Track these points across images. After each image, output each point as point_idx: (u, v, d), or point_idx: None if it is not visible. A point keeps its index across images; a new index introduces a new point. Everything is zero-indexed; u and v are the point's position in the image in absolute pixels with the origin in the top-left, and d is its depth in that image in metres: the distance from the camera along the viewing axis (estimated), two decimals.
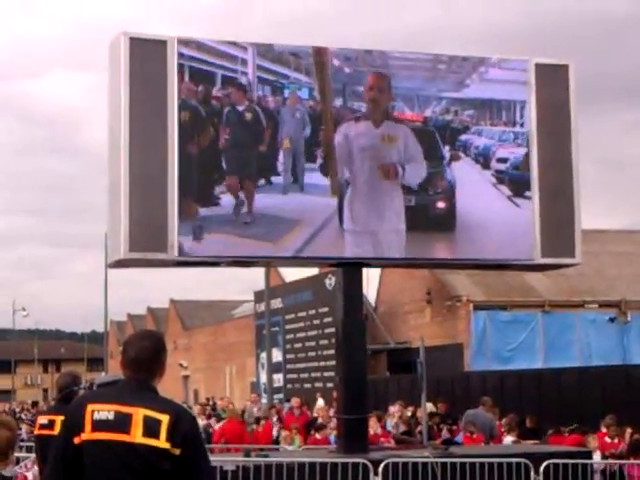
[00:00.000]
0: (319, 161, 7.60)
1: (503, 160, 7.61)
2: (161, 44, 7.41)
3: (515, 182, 7.56)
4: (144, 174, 7.29)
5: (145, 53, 7.34)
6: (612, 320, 30.71)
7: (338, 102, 7.38)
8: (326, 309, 31.85)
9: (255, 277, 36.19)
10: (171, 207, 7.31)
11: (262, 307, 34.52)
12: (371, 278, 32.43)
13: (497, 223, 7.97)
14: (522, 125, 7.77)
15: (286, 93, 7.41)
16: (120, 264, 7.52)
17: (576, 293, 31.36)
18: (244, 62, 7.51)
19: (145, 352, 4.28)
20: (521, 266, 8.60)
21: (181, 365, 52.26)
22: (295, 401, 19.23)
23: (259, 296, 37.16)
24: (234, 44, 7.61)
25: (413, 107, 7.52)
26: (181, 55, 7.33)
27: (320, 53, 7.32)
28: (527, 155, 7.65)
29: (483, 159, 7.62)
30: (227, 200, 7.31)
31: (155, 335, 4.49)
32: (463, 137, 7.80)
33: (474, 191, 7.92)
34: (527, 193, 7.52)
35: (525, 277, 30.53)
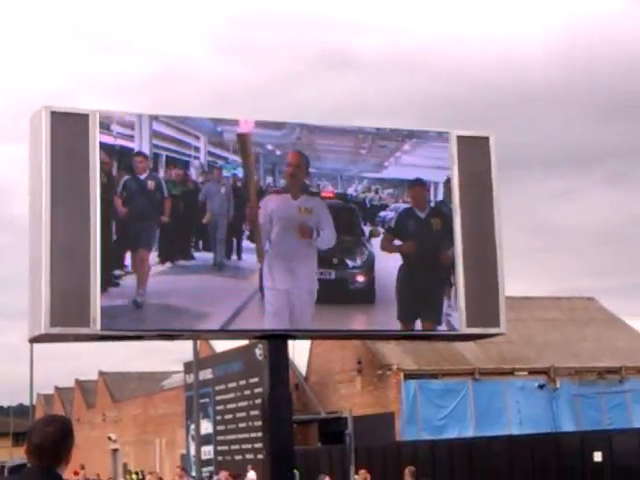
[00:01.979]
0: (246, 234, 7.67)
1: (387, 221, 8.01)
2: (83, 117, 7.38)
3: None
4: (65, 246, 7.20)
5: (66, 126, 7.31)
6: (541, 387, 30.99)
7: (269, 180, 7.67)
8: (256, 379, 31.68)
9: (185, 348, 35.90)
10: (93, 280, 7.22)
11: (192, 378, 34.19)
12: (302, 348, 32.39)
13: None
14: (435, 202, 8.14)
15: (224, 172, 7.56)
16: (41, 339, 7.39)
17: (505, 360, 31.61)
18: (164, 137, 7.54)
19: (50, 438, 4.18)
20: (445, 336, 8.62)
21: (110, 438, 51.43)
22: (223, 475, 19.01)
23: (188, 367, 36.88)
24: (155, 118, 7.60)
25: (336, 185, 7.87)
26: (106, 129, 7.32)
27: (244, 139, 7.54)
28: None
29: (389, 224, 8.03)
30: (129, 277, 7.30)
31: (61, 420, 4.37)
32: (382, 213, 8.05)
33: (393, 264, 8.00)
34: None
35: (455, 345, 30.71)
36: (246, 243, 7.71)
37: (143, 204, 7.53)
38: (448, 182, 8.21)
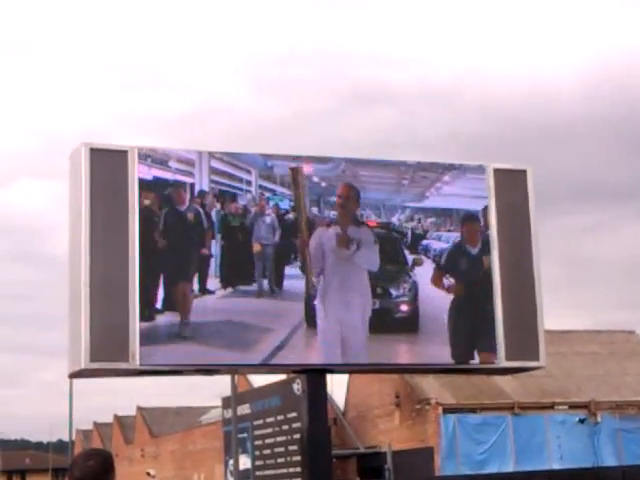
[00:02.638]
0: (293, 265, 7.76)
1: (439, 255, 8.10)
2: (122, 154, 7.46)
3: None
4: (105, 282, 7.26)
5: (106, 163, 7.39)
6: (582, 421, 30.65)
7: (314, 210, 7.81)
8: (295, 414, 31.61)
9: (223, 382, 35.98)
10: (132, 315, 7.26)
11: (230, 413, 34.17)
12: (340, 382, 32.31)
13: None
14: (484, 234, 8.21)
15: (271, 203, 7.73)
16: (81, 374, 7.43)
17: (545, 394, 31.33)
18: (212, 170, 7.67)
19: (91, 472, 4.18)
20: (485, 370, 8.58)
21: (148, 474, 51.46)
22: None
23: (227, 402, 36.83)
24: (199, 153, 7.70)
25: (380, 215, 7.99)
26: (164, 165, 7.50)
27: (296, 172, 7.72)
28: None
29: (439, 259, 8.14)
30: (168, 312, 7.38)
31: (102, 454, 4.38)
32: (424, 242, 8.13)
33: (436, 294, 8.02)
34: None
35: (494, 379, 30.48)
36: (292, 274, 7.77)
37: (183, 236, 7.60)
38: (485, 210, 8.24)
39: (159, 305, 7.39)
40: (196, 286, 7.53)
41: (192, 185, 7.66)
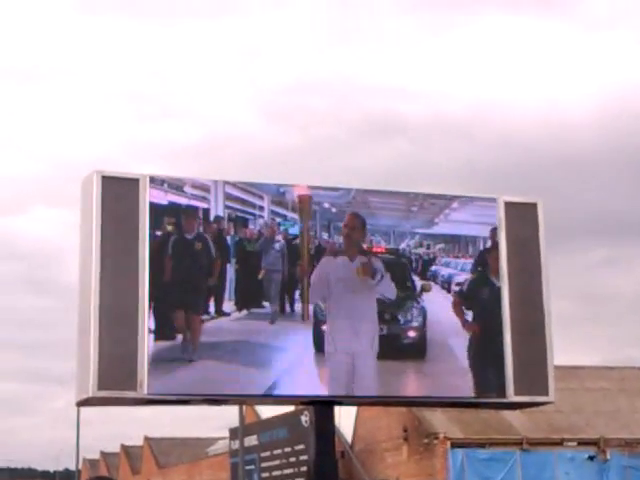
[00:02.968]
0: (297, 292, 7.76)
1: (460, 283, 8.18)
2: (133, 182, 7.49)
3: (465, 298, 8.16)
4: (114, 310, 7.26)
5: (117, 191, 7.41)
6: (591, 458, 30.42)
7: (324, 236, 7.86)
8: (302, 446, 31.48)
9: (231, 414, 35.87)
10: (141, 344, 7.25)
11: (237, 444, 34.05)
12: (348, 415, 32.15)
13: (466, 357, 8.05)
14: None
15: (281, 228, 7.79)
16: (88, 402, 7.41)
17: (554, 431, 31.14)
18: (224, 196, 7.74)
19: None
20: (494, 404, 8.54)
21: None
22: None
23: (234, 433, 36.71)
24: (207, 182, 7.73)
25: (389, 241, 8.02)
26: (180, 190, 7.58)
27: (304, 200, 7.79)
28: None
29: (447, 285, 8.16)
30: (178, 341, 7.41)
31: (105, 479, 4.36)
32: (433, 268, 8.16)
33: (444, 320, 8.05)
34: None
35: (503, 414, 30.31)
36: (297, 303, 7.76)
37: (191, 265, 7.61)
38: (493, 230, 8.24)
39: (164, 333, 7.39)
40: (204, 315, 7.54)
41: (207, 210, 7.70)
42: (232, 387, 7.57)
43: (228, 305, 7.61)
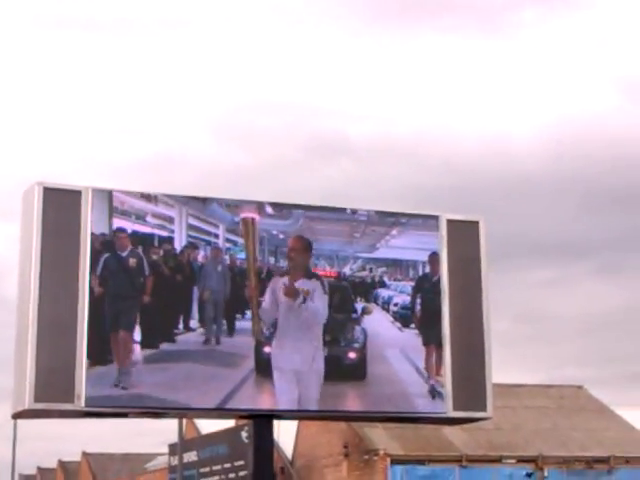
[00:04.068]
0: (243, 314, 7.81)
1: (396, 304, 8.40)
2: (75, 194, 7.44)
3: (402, 317, 8.35)
4: (52, 323, 7.19)
5: (59, 203, 7.36)
6: (529, 475, 30.63)
7: (271, 260, 8.02)
8: (242, 462, 31.32)
9: (171, 430, 35.60)
10: (79, 357, 7.20)
11: (177, 460, 33.82)
12: (288, 431, 32.11)
13: (406, 375, 8.14)
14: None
15: (235, 254, 7.95)
16: (24, 415, 7.34)
17: (493, 448, 31.34)
18: (169, 219, 7.78)
19: None
20: (432, 419, 8.60)
21: None
22: None
23: (173, 449, 36.45)
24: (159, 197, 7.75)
25: (333, 265, 8.19)
26: (142, 219, 7.66)
27: (247, 223, 7.92)
28: (412, 300, 8.37)
29: (387, 306, 8.37)
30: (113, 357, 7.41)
31: None
32: (375, 291, 8.33)
33: (385, 341, 8.22)
34: (412, 325, 8.30)
35: (443, 431, 30.46)
36: (241, 323, 7.80)
37: (123, 283, 7.58)
38: (432, 255, 8.37)
39: (105, 350, 7.34)
40: (138, 336, 7.51)
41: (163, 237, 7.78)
42: (171, 401, 7.54)
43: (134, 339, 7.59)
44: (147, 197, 7.77)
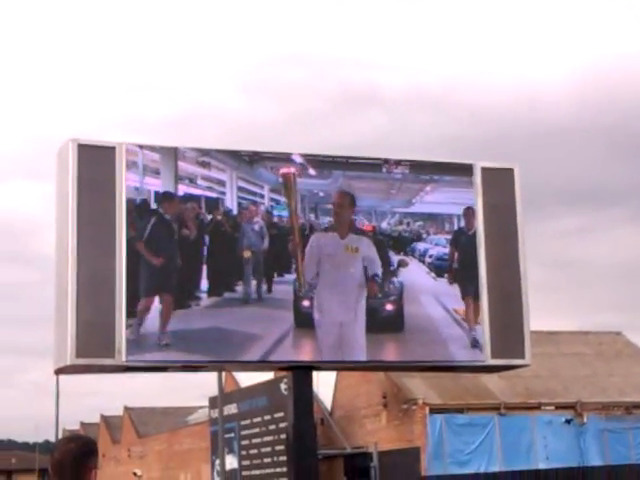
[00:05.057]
0: (285, 269, 7.88)
1: (430, 256, 8.47)
2: (109, 150, 7.46)
3: (436, 268, 8.39)
4: (91, 278, 7.24)
5: (93, 159, 7.38)
6: (568, 422, 30.69)
7: (311, 217, 8.05)
8: (282, 414, 31.57)
9: (210, 383, 35.91)
10: (119, 312, 7.25)
11: (217, 413, 34.13)
12: (327, 382, 32.31)
13: (443, 324, 8.19)
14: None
15: (275, 212, 7.99)
16: (66, 370, 7.41)
17: (532, 395, 31.38)
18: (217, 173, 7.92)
19: (70, 455, 4.14)
20: (471, 367, 8.60)
21: (135, 474, 51.37)
22: None
23: (214, 402, 36.78)
24: (203, 151, 7.82)
25: (371, 220, 8.25)
26: (193, 183, 7.74)
27: (287, 178, 7.97)
28: (450, 253, 8.40)
29: (423, 258, 8.44)
30: (154, 312, 7.45)
31: (82, 438, 4.36)
32: (413, 244, 8.39)
33: (420, 289, 8.27)
34: (445, 275, 8.35)
35: (481, 379, 30.53)
36: (281, 280, 7.86)
37: (168, 246, 7.61)
38: (467, 209, 8.39)
39: (141, 313, 7.39)
40: (179, 295, 7.56)
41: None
42: (210, 354, 7.60)
43: (204, 285, 7.69)
44: (202, 163, 7.83)
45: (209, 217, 7.79)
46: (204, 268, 7.71)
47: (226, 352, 7.61)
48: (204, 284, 7.69)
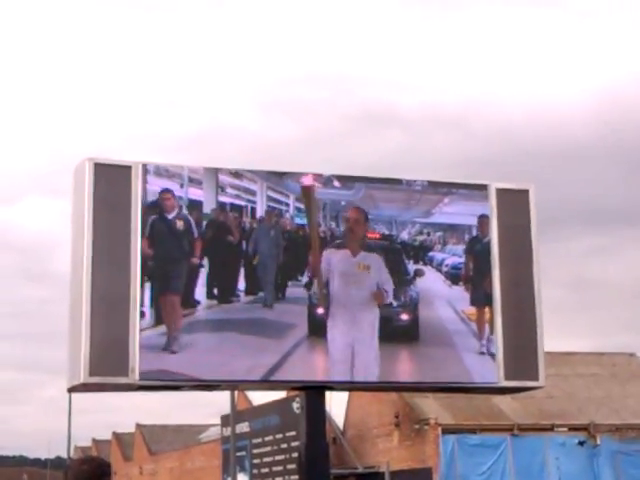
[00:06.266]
0: (298, 280, 7.84)
1: (447, 265, 8.47)
2: (126, 169, 7.48)
3: (452, 276, 8.38)
4: (105, 296, 7.26)
5: (109, 178, 7.41)
6: (581, 444, 30.55)
7: (332, 225, 8.09)
8: (293, 433, 31.55)
9: (223, 401, 35.89)
10: (132, 330, 7.26)
11: (229, 431, 34.10)
12: (339, 401, 32.25)
13: (456, 329, 8.20)
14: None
15: (297, 220, 8.03)
16: (80, 388, 7.42)
17: (545, 416, 31.26)
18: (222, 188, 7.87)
19: (83, 477, 4.18)
20: (484, 389, 8.58)
21: None
22: None
23: (226, 420, 36.76)
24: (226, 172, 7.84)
25: (391, 229, 8.26)
26: (223, 191, 7.86)
27: (307, 190, 7.99)
28: (465, 262, 8.40)
29: (440, 267, 8.44)
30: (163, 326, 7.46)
31: (96, 460, 4.39)
32: (430, 254, 8.41)
33: (435, 294, 8.26)
34: (460, 283, 8.34)
35: (494, 400, 30.43)
36: (294, 290, 7.83)
37: (171, 245, 7.63)
38: (481, 217, 8.40)
39: (148, 317, 7.39)
40: (187, 297, 7.56)
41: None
42: (224, 373, 7.59)
43: (202, 293, 7.67)
44: (235, 174, 7.88)
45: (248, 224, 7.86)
46: (242, 271, 7.78)
47: (239, 364, 7.57)
48: (240, 284, 7.75)
